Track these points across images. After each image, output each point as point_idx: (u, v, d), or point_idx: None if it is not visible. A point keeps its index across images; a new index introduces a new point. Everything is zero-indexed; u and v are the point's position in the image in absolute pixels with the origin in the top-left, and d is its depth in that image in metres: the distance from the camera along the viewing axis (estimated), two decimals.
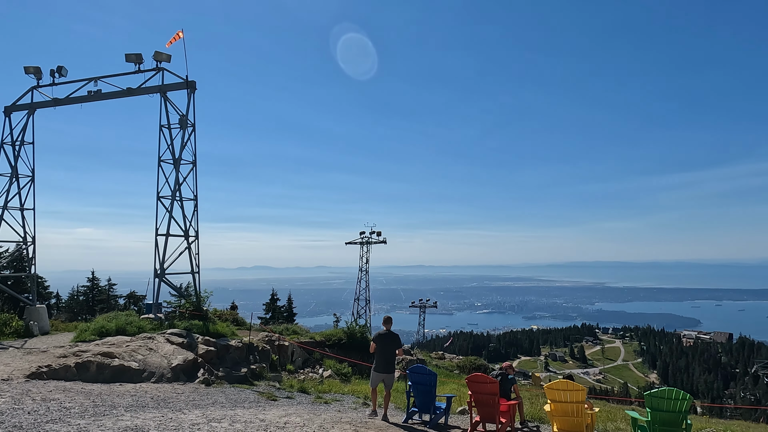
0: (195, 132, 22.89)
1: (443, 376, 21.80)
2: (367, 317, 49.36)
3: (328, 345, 19.04)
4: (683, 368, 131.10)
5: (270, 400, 11.33)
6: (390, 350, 9.69)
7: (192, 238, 22.45)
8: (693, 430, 12.45)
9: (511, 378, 9.53)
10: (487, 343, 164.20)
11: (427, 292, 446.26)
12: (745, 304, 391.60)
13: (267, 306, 47.84)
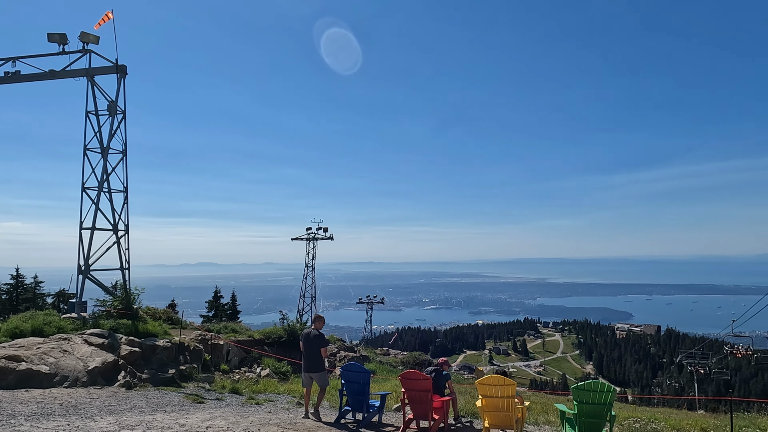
0: (125, 119, 21.51)
1: (385, 372, 21.67)
2: (312, 314, 48.64)
3: (268, 343, 18.42)
4: (616, 359, 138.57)
5: (196, 403, 10.68)
6: (313, 350, 9.59)
7: (122, 232, 21.13)
8: (621, 419, 12.90)
9: (445, 374, 9.43)
10: (434, 339, 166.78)
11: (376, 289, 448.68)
12: (672, 298, 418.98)
13: (210, 303, 46.18)
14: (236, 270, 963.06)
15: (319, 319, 10.13)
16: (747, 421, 15.39)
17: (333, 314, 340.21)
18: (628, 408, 21.15)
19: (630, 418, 12.39)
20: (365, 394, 8.89)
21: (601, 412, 6.88)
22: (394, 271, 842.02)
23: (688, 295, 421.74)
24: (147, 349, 13.55)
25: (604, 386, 6.99)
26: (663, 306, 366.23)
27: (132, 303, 18.73)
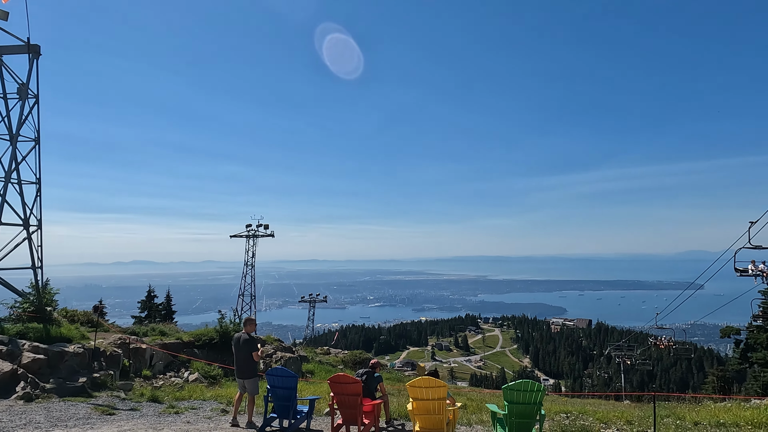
0: (39, 104, 19.62)
1: (324, 373, 21.12)
2: (252, 314, 47.11)
3: (198, 346, 17.36)
4: (551, 352, 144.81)
5: (105, 415, 9.71)
6: (243, 354, 9.01)
7: (34, 228, 19.28)
8: (552, 414, 13.10)
9: (377, 376, 9.09)
10: (378, 336, 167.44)
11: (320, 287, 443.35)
12: (602, 293, 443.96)
13: (143, 304, 43.60)
14: (174, 268, 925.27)
15: (249, 322, 9.53)
16: (667, 410, 16.20)
17: (276, 313, 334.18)
18: (560, 401, 21.86)
19: (561, 413, 12.61)
20: (292, 399, 8.36)
21: (531, 412, 6.78)
22: (338, 269, 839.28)
23: (616, 291, 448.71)
24: (54, 356, 12.27)
25: (534, 385, 6.90)
26: (594, 301, 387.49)
27: (45, 305, 17.11)
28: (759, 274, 19.08)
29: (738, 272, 19.47)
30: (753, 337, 36.34)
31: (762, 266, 19.19)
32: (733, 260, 18.92)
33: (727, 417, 10.97)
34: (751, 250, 18.65)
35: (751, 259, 19.46)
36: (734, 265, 19.14)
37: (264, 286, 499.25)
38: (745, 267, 19.46)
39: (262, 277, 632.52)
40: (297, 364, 19.72)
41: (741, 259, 19.18)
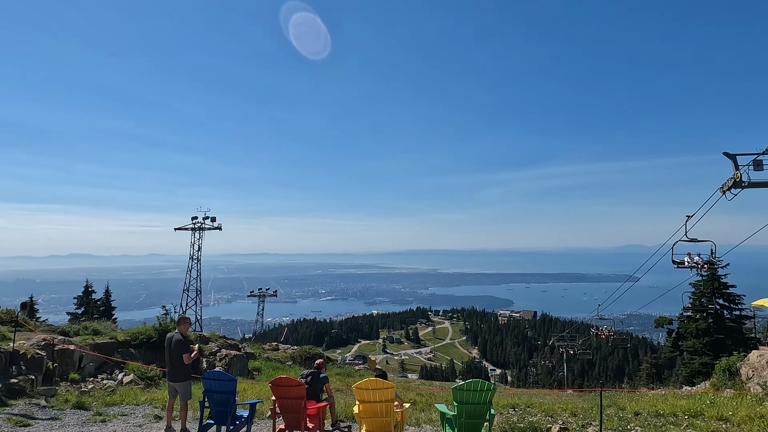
0: None
1: (271, 370, 20.48)
2: (197, 309, 45.44)
3: (135, 345, 16.24)
4: (498, 343, 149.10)
5: (19, 427, 8.75)
6: (174, 356, 8.30)
7: None
8: (500, 407, 13.18)
9: (323, 377, 8.69)
10: (329, 330, 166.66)
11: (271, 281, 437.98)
12: (547, 285, 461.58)
13: (79, 299, 41.26)
14: (115, 262, 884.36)
15: (183, 321, 8.78)
16: (609, 400, 16.73)
17: (225, 308, 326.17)
18: (507, 393, 22.30)
19: (509, 408, 12.68)
20: (230, 404, 7.77)
21: (481, 412, 6.60)
22: (289, 263, 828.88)
23: (560, 283, 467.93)
24: None
25: (484, 385, 6.71)
26: (539, 293, 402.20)
27: None
28: (694, 266, 19.96)
29: (675, 264, 20.32)
30: (683, 326, 38.50)
31: (697, 258, 20.09)
32: (671, 252, 19.72)
33: (665, 407, 11.33)
34: (687, 243, 19.56)
35: (687, 252, 20.35)
36: (672, 257, 19.95)
37: (212, 280, 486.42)
38: (682, 259, 20.33)
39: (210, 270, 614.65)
40: (243, 362, 18.99)
41: (678, 252, 20.05)
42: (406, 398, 14.06)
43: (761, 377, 17.46)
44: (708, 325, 36.71)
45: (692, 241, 19.35)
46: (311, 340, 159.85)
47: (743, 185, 22.10)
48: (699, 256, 20.12)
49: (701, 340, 36.25)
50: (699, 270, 20.03)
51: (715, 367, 19.70)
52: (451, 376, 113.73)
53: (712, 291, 37.20)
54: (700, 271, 20.07)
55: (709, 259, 19.90)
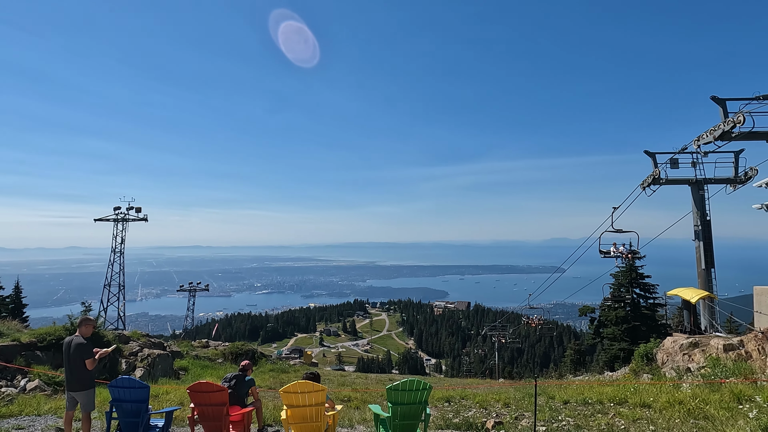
0: None
1: (199, 369, 19.38)
2: (120, 305, 42.58)
3: (43, 347, 14.64)
4: (434, 333, 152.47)
5: None
6: (75, 362, 7.21)
7: None
8: (435, 400, 13.13)
9: (248, 380, 8.11)
10: (265, 324, 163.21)
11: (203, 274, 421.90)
12: (480, 277, 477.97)
13: None
14: (30, 255, 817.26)
15: (85, 322, 7.63)
16: (539, 389, 17.31)
17: (153, 303, 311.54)
18: (442, 383, 22.52)
19: (443, 401, 12.65)
20: (142, 414, 6.93)
21: (416, 412, 6.32)
22: (223, 256, 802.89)
23: (492, 275, 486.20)
24: None
25: (420, 384, 6.43)
26: (473, 284, 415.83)
27: None
28: (619, 256, 20.94)
29: (602, 254, 21.26)
30: (604, 314, 40.94)
31: (622, 248, 21.10)
32: (598, 243, 20.62)
33: (592, 395, 11.70)
34: (613, 233, 20.52)
35: (613, 242, 21.34)
36: (599, 248, 20.86)
37: (139, 274, 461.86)
38: (608, 249, 21.30)
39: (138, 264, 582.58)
40: (167, 362, 17.79)
41: (604, 242, 21.01)
42: (340, 396, 13.68)
43: (674, 362, 18.67)
44: (626, 313, 39.21)
45: (618, 231, 20.35)
46: (246, 335, 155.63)
47: (661, 182, 23.56)
48: (624, 246, 21.13)
49: (620, 327, 38.67)
50: (624, 259, 21.01)
51: (634, 353, 20.86)
52: (388, 368, 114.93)
53: (630, 281, 39.74)
54: (624, 261, 21.09)
55: (633, 249, 20.96)
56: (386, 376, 28.26)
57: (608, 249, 21.29)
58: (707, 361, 16.59)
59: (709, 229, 22.65)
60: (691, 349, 18.69)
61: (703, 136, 19.10)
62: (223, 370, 19.94)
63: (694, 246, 23.14)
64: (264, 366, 26.03)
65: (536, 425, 7.76)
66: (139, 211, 43.94)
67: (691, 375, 16.12)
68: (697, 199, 22.74)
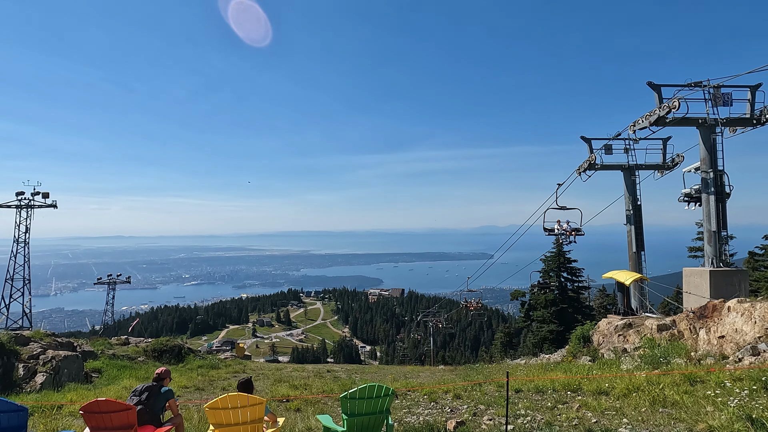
0: None
1: (115, 370, 17.30)
2: (26, 301, 38.25)
3: None
4: (369, 321, 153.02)
5: None
6: None
7: None
8: None
9: (165, 391, 6.48)
10: (194, 316, 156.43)
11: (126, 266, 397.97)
12: (413, 264, 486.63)
13: None
14: None
15: None
16: (482, 374, 16.98)
17: (70, 297, 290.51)
18: (382, 372, 21.84)
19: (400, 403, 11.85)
20: None
21: (376, 424, 5.33)
22: (148, 246, 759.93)
23: (425, 262, 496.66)
24: None
25: (381, 390, 5.43)
26: (407, 272, 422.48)
27: None
28: (563, 233, 20.94)
29: (546, 231, 21.19)
30: (534, 298, 42.34)
31: (566, 225, 21.10)
32: (543, 220, 20.49)
33: (543, 381, 11.34)
34: (557, 210, 20.45)
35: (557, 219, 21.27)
36: (543, 225, 20.75)
37: (53, 267, 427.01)
38: (552, 226, 21.26)
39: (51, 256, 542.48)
40: (76, 364, 15.63)
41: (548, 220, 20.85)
42: (278, 393, 12.47)
43: (611, 343, 19.07)
44: (554, 297, 40.74)
45: (561, 208, 20.32)
46: (174, 329, 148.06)
47: (596, 167, 24.03)
48: (568, 224, 21.14)
49: (549, 310, 40.11)
50: (567, 237, 21.01)
51: (572, 335, 21.22)
52: (323, 356, 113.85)
53: (558, 265, 41.25)
54: (568, 238, 21.09)
55: (576, 227, 21.03)
56: (324, 366, 27.13)
57: (552, 227, 21.26)
58: (643, 342, 16.96)
59: (639, 214, 23.47)
60: (626, 330, 19.18)
61: (639, 122, 19.51)
62: (143, 369, 17.98)
63: (626, 230, 23.98)
64: (192, 362, 24.04)
65: (507, 424, 7.05)
66: (46, 197, 39.53)
67: (628, 356, 16.44)
68: (629, 183, 23.46)
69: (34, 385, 13.38)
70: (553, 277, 41.60)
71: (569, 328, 37.56)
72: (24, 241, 39.17)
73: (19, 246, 39.11)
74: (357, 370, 22.78)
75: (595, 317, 38.74)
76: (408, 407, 10.08)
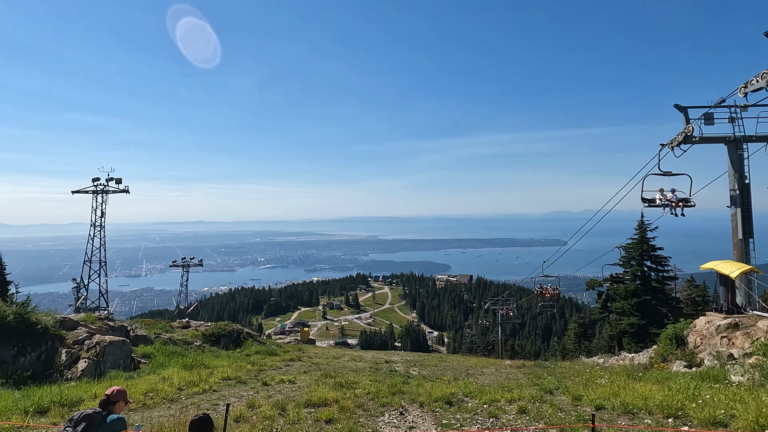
0: None
1: (164, 357, 16.89)
2: (102, 282, 40.28)
3: None
4: (436, 306, 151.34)
5: None
6: None
7: None
8: (434, 400, 10.61)
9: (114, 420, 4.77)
10: (268, 298, 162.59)
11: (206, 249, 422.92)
12: (482, 251, 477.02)
13: None
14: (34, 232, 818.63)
15: None
16: (554, 380, 14.76)
17: (158, 278, 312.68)
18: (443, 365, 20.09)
19: (443, 402, 10.16)
20: None
21: None
22: (226, 231, 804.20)
23: (493, 248, 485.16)
24: None
25: None
26: (475, 258, 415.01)
27: None
28: (668, 204, 17.55)
29: (645, 202, 17.89)
30: (613, 288, 38.66)
31: (671, 195, 17.66)
32: (641, 188, 17.28)
33: (632, 397, 9.14)
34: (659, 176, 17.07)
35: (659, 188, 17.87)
36: (641, 194, 17.51)
37: (143, 250, 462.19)
38: (653, 196, 17.96)
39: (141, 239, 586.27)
40: (122, 350, 15.30)
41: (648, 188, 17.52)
42: (314, 395, 11.12)
43: (711, 345, 16.10)
44: (636, 287, 36.88)
45: (665, 174, 16.96)
46: (249, 309, 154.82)
47: (694, 140, 20.44)
48: (673, 192, 17.75)
49: (629, 302, 36.40)
50: (672, 209, 17.56)
51: (661, 335, 18.34)
52: (390, 340, 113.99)
53: (641, 253, 37.20)
54: (673, 210, 17.59)
55: (684, 197, 17.50)
56: (385, 354, 25.86)
57: (653, 196, 17.82)
58: (756, 347, 13.95)
59: (748, 194, 19.72)
60: (731, 332, 16.04)
61: (753, 82, 16.05)
62: (191, 357, 17.45)
63: (730, 213, 20.37)
64: (249, 348, 23.61)
65: None
66: (119, 183, 41.27)
67: (737, 364, 13.54)
68: (734, 159, 19.72)
69: (75, 372, 13.03)
70: (635, 265, 37.65)
71: (652, 322, 33.85)
72: (100, 225, 41.07)
73: (96, 230, 41.04)
74: (417, 362, 21.22)
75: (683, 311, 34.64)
76: (460, 422, 8.35)
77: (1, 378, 11.63)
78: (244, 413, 9.19)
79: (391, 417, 9.41)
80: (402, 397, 11.07)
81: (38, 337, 13.30)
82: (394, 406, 10.17)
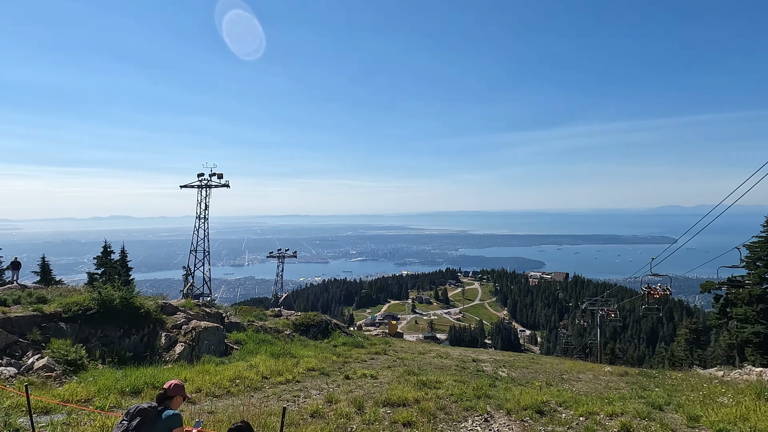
0: None
1: (253, 344, 17.48)
2: (206, 270, 43.35)
3: (68, 318, 13.33)
4: (528, 304, 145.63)
5: None
6: None
7: None
8: (523, 408, 9.72)
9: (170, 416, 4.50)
10: (359, 290, 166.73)
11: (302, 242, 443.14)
12: (579, 247, 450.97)
13: (98, 260, 40.13)
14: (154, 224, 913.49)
15: None
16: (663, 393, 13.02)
17: (259, 267, 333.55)
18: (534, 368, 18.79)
19: (533, 411, 9.26)
20: None
21: None
22: (320, 224, 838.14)
23: (593, 245, 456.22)
24: None
25: None
26: (571, 255, 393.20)
27: None
28: None
29: None
30: (733, 293, 34.28)
31: None
32: None
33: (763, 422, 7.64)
34: None
35: None
36: None
37: (246, 241, 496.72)
38: None
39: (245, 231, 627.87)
40: (217, 336, 16.04)
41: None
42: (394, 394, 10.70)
43: None
44: (762, 291, 32.40)
45: None
46: (341, 300, 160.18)
47: None
48: None
49: (754, 308, 32.13)
50: None
51: None
52: (480, 337, 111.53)
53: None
54: None
55: None
56: (473, 353, 24.89)
57: None
58: None
59: None
60: None
61: None
62: (280, 345, 17.89)
63: None
64: (337, 339, 23.87)
65: None
66: (221, 178, 44.07)
67: None
68: None
69: (173, 355, 13.83)
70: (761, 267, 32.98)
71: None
72: (204, 217, 44.13)
73: (200, 222, 44.17)
74: (507, 362, 20.12)
75: None
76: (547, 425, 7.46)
77: (108, 357, 12.59)
78: (321, 408, 9.00)
79: (475, 424, 8.72)
80: (488, 401, 10.32)
81: (141, 320, 14.28)
82: (478, 411, 9.46)
